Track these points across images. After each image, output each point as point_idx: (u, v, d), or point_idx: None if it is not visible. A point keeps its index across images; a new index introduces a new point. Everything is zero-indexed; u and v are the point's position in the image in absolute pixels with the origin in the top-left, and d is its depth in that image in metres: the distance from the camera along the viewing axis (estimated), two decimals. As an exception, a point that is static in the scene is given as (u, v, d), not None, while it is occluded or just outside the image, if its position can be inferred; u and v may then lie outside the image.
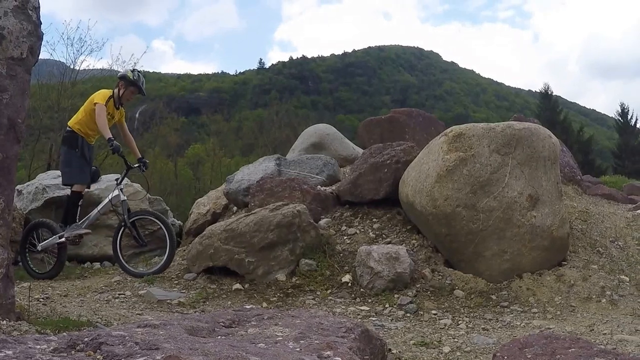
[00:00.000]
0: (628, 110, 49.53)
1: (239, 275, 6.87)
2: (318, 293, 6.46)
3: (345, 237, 7.62)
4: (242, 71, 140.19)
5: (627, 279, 6.73)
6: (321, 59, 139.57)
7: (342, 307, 6.10)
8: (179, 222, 11.82)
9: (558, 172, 7.15)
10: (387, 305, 6.11)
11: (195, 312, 5.95)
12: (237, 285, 6.72)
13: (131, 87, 8.04)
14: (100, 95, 7.86)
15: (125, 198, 7.90)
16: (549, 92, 52.13)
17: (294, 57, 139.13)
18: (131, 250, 9.59)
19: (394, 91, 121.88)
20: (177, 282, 7.20)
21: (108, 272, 8.52)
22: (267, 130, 40.37)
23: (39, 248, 7.90)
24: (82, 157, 7.78)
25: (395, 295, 6.27)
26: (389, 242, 7.33)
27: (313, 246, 7.04)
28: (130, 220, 7.78)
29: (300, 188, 8.22)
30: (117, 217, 8.14)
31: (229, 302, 6.35)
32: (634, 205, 10.39)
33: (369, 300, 6.27)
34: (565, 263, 7.04)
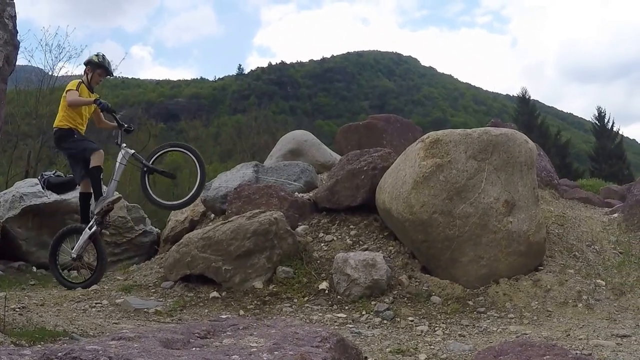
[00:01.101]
0: (605, 114, 50.24)
1: (216, 283, 6.84)
2: (295, 300, 6.43)
3: (322, 244, 7.61)
4: (221, 77, 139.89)
5: (604, 283, 6.78)
6: (300, 64, 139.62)
7: (319, 314, 6.08)
8: (157, 229, 11.73)
9: (534, 177, 7.18)
10: (364, 312, 6.10)
11: (172, 320, 5.90)
12: (215, 294, 6.69)
13: (98, 69, 7.98)
14: (69, 85, 7.81)
15: (134, 151, 7.80)
16: (527, 97, 52.71)
17: (273, 63, 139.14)
18: (109, 258, 9.53)
19: (372, 96, 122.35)
20: (154, 290, 7.15)
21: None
22: (246, 136, 40.29)
23: (73, 255, 7.71)
24: (82, 138, 7.69)
25: (372, 302, 6.26)
26: (366, 249, 7.33)
27: (290, 253, 7.02)
28: (151, 162, 7.70)
29: (278, 195, 8.20)
30: (139, 167, 7.96)
31: (206, 311, 6.31)
32: (611, 209, 10.47)
33: (346, 307, 6.25)
34: (542, 268, 7.07)
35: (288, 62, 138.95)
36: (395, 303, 6.28)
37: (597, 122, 50.52)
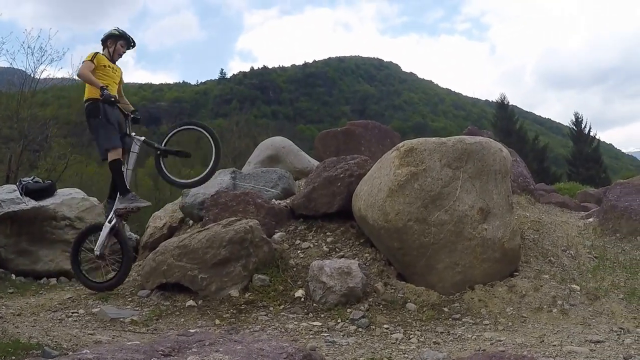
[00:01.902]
0: (582, 119, 51.50)
1: (192, 291, 6.80)
2: (271, 309, 6.41)
3: (299, 251, 7.59)
4: (203, 81, 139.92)
5: (578, 288, 6.81)
6: (282, 69, 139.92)
7: (295, 322, 6.06)
8: (136, 235, 11.68)
9: (509, 185, 7.23)
10: (339, 320, 6.08)
11: (147, 331, 5.88)
12: (191, 302, 6.65)
13: (120, 41, 7.96)
14: (87, 56, 7.74)
15: (144, 137, 7.74)
16: (505, 102, 53.66)
17: (255, 67, 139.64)
18: (88, 265, 9.47)
19: (353, 101, 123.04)
20: (130, 299, 7.11)
21: (64, 289, 8.40)
22: (227, 140, 40.16)
23: (96, 253, 7.60)
24: (107, 123, 7.60)
25: (348, 310, 6.25)
26: (342, 256, 7.33)
27: (266, 261, 7.02)
28: (163, 143, 7.65)
29: (255, 202, 8.18)
30: (152, 152, 7.88)
31: (182, 320, 6.29)
32: (586, 213, 10.54)
33: (322, 315, 6.24)
34: (517, 273, 7.11)
35: (270, 67, 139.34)
36: (370, 310, 6.28)
37: (574, 127, 51.62)
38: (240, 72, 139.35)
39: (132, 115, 7.92)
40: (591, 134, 51.56)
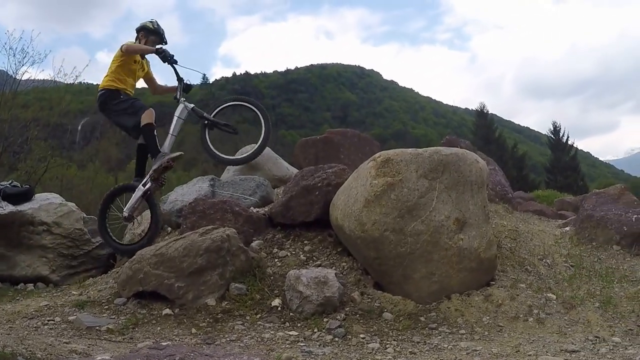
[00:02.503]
0: (560, 128, 52.68)
1: (169, 299, 6.77)
2: (247, 318, 6.40)
3: (276, 260, 7.58)
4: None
5: (554, 296, 6.87)
6: (264, 75, 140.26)
7: (271, 332, 6.05)
8: (115, 241, 11.59)
9: (485, 195, 7.29)
10: (315, 330, 6.09)
11: (123, 339, 5.85)
12: (167, 311, 6.61)
13: (152, 36, 7.94)
14: (124, 42, 7.76)
15: (193, 105, 7.72)
16: (485, 111, 54.62)
17: (237, 73, 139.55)
18: (65, 271, 9.42)
19: (335, 108, 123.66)
20: (107, 307, 7.05)
21: (41, 295, 8.33)
22: (209, 145, 40.11)
23: (125, 214, 7.50)
24: (126, 99, 7.68)
25: (325, 319, 6.25)
26: (320, 265, 7.33)
27: (243, 270, 6.99)
28: (212, 115, 7.60)
29: (233, 210, 8.16)
30: (199, 122, 7.81)
31: (159, 328, 6.25)
32: (563, 222, 10.62)
33: (299, 325, 6.24)
34: (494, 283, 7.15)
35: (252, 73, 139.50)
36: (347, 320, 6.29)
37: (552, 135, 52.73)
38: (222, 77, 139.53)
39: (185, 81, 7.87)
40: (569, 142, 52.89)
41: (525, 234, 8.95)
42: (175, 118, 7.69)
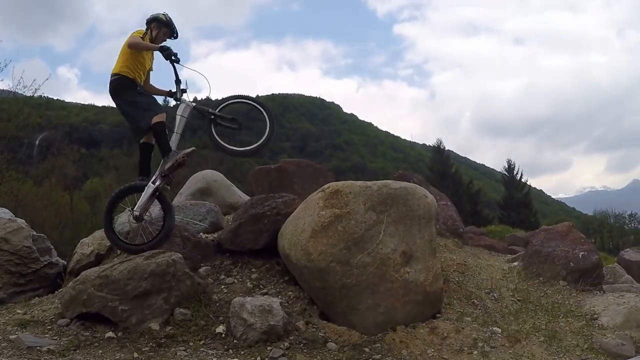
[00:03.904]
0: (514, 166, 54.13)
1: (112, 322, 6.67)
2: (191, 344, 6.33)
3: (223, 287, 7.52)
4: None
5: (500, 330, 6.93)
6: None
7: (214, 359, 6.01)
8: (63, 261, 11.39)
9: (433, 229, 7.37)
10: (259, 358, 6.05)
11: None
12: (110, 334, 6.51)
13: (164, 28, 7.84)
14: (135, 33, 7.68)
15: (195, 103, 7.71)
16: (442, 147, 55.65)
17: (199, 98, 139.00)
18: (12, 289, 9.22)
19: (294, 138, 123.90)
20: (49, 327, 6.91)
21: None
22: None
23: (136, 213, 7.30)
24: (144, 92, 7.58)
25: (268, 348, 6.22)
26: (266, 293, 7.29)
27: (188, 295, 6.93)
28: (218, 110, 7.50)
29: (181, 235, 8.09)
30: (203, 119, 7.72)
31: (100, 352, 6.15)
32: (512, 257, 10.78)
33: (242, 352, 6.19)
34: (440, 315, 7.20)
35: (214, 99, 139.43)
36: (291, 349, 6.26)
37: (506, 173, 54.00)
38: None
39: (182, 83, 7.82)
40: (522, 180, 54.18)
41: (474, 268, 9.03)
42: (178, 117, 7.63)
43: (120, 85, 7.53)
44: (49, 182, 30.60)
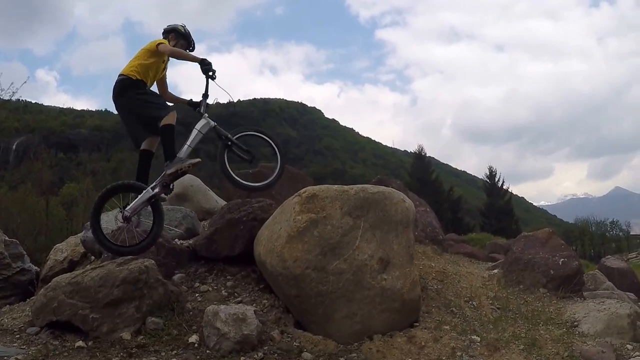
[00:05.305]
0: (495, 173, 54.87)
1: (83, 331, 6.50)
2: (163, 354, 6.16)
3: (197, 295, 7.38)
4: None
5: (478, 339, 6.89)
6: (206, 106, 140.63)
7: (186, 369, 5.89)
8: (36, 268, 11.23)
9: (411, 235, 7.29)
10: (232, 369, 5.94)
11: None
12: (80, 343, 6.34)
13: (182, 40, 7.84)
14: (158, 41, 7.64)
15: (215, 124, 7.66)
16: (423, 153, 56.01)
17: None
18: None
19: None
20: (18, 336, 6.76)
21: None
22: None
23: (126, 213, 7.14)
24: (153, 93, 7.59)
25: (242, 358, 6.09)
26: (241, 302, 7.16)
27: (161, 304, 6.77)
28: (235, 137, 7.41)
29: (156, 241, 7.97)
30: (219, 141, 7.75)
31: (69, 361, 6.03)
32: (492, 264, 10.75)
33: (214, 363, 6.07)
34: (417, 324, 7.14)
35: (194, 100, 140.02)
36: (265, 359, 6.14)
37: (488, 180, 54.46)
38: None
39: (207, 98, 7.84)
40: (504, 187, 54.76)
41: (453, 275, 8.99)
42: (195, 131, 7.57)
43: (127, 85, 7.48)
44: (25, 187, 30.34)
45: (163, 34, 8.02)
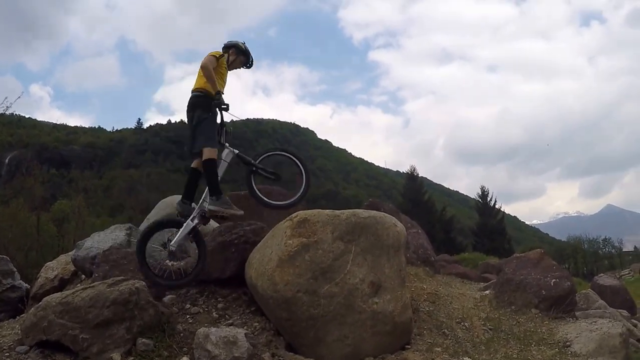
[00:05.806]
0: (488, 193, 55.02)
1: (73, 351, 6.47)
2: (152, 376, 6.17)
3: (188, 316, 7.34)
4: (119, 129, 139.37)
5: (470, 360, 6.85)
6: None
7: (176, 392, 5.86)
8: (26, 285, 11.17)
9: (402, 259, 7.31)
10: (221, 392, 5.90)
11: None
12: (69, 363, 6.34)
13: (242, 56, 8.05)
14: (214, 52, 7.75)
15: (238, 151, 7.82)
16: (415, 174, 56.29)
17: (172, 121, 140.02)
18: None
19: (268, 164, 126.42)
20: (8, 354, 6.69)
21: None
22: (137, 192, 39.49)
23: (172, 248, 7.25)
24: (215, 122, 7.63)
25: (232, 381, 6.06)
26: (232, 324, 7.13)
27: (152, 325, 6.72)
28: (258, 161, 7.71)
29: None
30: (243, 166, 8.00)
31: (58, 382, 5.99)
32: (484, 285, 10.75)
33: (205, 386, 6.04)
34: (409, 346, 7.15)
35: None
36: (255, 382, 6.12)
37: (480, 199, 54.65)
38: (157, 123, 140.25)
39: (227, 126, 7.89)
40: (496, 206, 54.90)
41: (445, 297, 8.98)
42: (221, 161, 7.66)
43: (199, 102, 7.68)
44: (16, 202, 30.22)
45: (223, 48, 8.20)
